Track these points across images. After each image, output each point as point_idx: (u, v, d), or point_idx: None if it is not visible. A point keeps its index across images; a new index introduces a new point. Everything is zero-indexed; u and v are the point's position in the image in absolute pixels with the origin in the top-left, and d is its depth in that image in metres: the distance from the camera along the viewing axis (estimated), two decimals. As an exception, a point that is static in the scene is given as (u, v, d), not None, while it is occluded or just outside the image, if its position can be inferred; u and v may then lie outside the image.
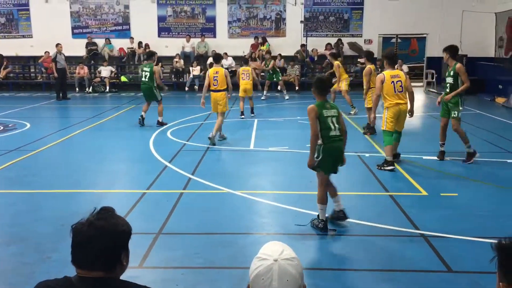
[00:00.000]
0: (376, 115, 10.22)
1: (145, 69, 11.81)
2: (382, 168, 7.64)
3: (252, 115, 12.93)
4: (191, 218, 5.67)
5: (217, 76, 9.66)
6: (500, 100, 15.75)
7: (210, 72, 9.81)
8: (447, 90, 8.10)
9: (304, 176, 6.66)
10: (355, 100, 13.47)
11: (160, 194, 6.57)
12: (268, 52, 19.54)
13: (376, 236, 5.17)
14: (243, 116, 12.78)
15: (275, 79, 17.67)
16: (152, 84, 11.70)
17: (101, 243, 1.80)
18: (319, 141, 5.08)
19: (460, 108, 8.09)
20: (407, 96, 7.83)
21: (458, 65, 7.94)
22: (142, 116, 11.71)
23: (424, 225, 5.33)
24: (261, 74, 19.37)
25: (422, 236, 5.07)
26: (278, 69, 18.03)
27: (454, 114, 8.04)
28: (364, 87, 10.85)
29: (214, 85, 9.70)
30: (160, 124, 11.72)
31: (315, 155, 5.12)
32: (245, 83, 12.79)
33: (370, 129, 10.64)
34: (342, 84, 12.97)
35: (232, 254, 4.69)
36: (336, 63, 12.99)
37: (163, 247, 4.89)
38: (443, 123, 8.27)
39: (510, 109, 14.41)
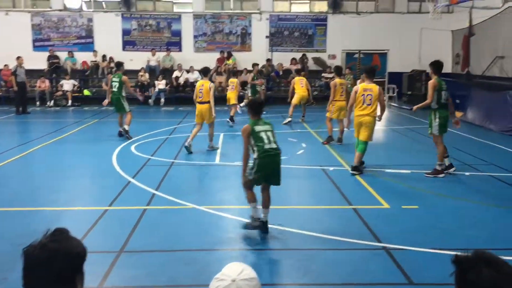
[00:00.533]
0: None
1: (114, 79, 11.85)
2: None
3: (231, 122, 13.98)
4: (154, 235, 5.58)
5: (202, 89, 10.06)
6: (458, 114, 16.26)
7: (198, 84, 10.34)
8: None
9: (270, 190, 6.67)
10: (317, 114, 13.66)
11: (122, 211, 6.45)
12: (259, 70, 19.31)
13: (340, 250, 5.22)
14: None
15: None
16: (120, 95, 11.67)
17: (54, 266, 1.74)
18: (254, 155, 5.37)
19: (434, 124, 8.25)
20: (377, 108, 8.31)
21: (430, 81, 8.20)
22: (121, 129, 11.72)
23: (386, 237, 5.42)
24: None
25: (384, 249, 5.15)
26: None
27: (428, 131, 8.45)
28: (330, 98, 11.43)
29: (199, 97, 10.10)
30: (125, 132, 11.60)
31: (252, 167, 5.38)
32: (230, 93, 14.32)
33: (329, 139, 11.31)
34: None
35: (196, 271, 4.64)
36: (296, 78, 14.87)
37: (125, 265, 4.78)
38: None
39: (467, 123, 14.93)
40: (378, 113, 8.44)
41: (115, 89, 11.76)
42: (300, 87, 14.48)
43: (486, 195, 7.27)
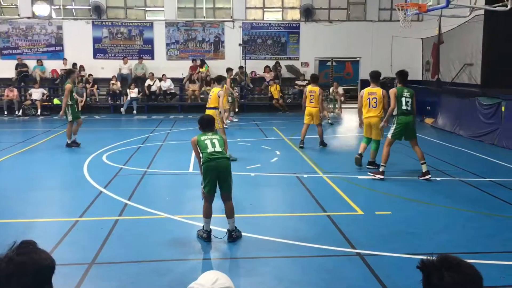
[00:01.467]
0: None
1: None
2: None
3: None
4: (127, 245, 5.46)
5: (210, 95, 10.22)
6: (428, 120, 16.62)
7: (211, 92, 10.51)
8: None
9: (245, 199, 6.64)
10: (291, 121, 13.72)
11: (93, 222, 6.30)
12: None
13: (315, 256, 5.21)
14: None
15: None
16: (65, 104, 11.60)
17: (22, 280, 1.68)
18: (201, 164, 5.52)
19: (393, 128, 8.62)
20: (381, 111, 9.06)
21: (391, 89, 8.73)
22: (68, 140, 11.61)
23: (360, 243, 5.44)
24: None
25: (358, 255, 5.17)
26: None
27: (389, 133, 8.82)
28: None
29: (208, 103, 10.17)
30: (69, 145, 11.53)
31: (203, 177, 5.52)
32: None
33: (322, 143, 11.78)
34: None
35: (170, 282, 4.55)
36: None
37: (96, 278, 4.66)
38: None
39: (438, 129, 15.23)
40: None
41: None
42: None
43: (457, 200, 7.39)
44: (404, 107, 8.45)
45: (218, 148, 5.51)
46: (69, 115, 11.52)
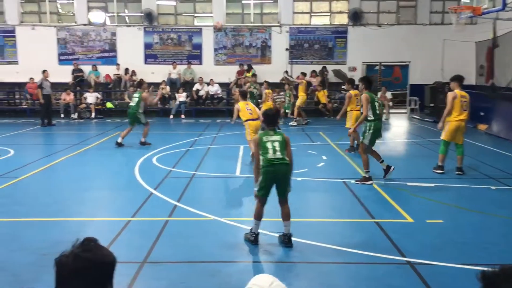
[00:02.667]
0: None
1: (134, 95, 12.78)
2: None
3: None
4: (176, 246, 5.59)
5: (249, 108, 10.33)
6: (482, 127, 16.02)
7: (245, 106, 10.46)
8: None
9: (290, 204, 6.64)
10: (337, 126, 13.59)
11: (145, 222, 6.49)
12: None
13: (363, 263, 5.15)
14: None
15: None
16: (137, 110, 12.36)
17: (89, 275, 1.76)
18: (260, 165, 5.46)
19: (367, 134, 8.58)
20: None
21: (363, 95, 8.67)
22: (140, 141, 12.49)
23: (411, 252, 5.33)
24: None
25: (408, 264, 5.06)
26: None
27: (361, 139, 8.79)
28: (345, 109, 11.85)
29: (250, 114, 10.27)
30: (143, 144, 12.33)
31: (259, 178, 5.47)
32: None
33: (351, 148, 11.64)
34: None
35: (218, 283, 4.63)
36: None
37: (148, 276, 4.80)
38: None
39: (492, 135, 14.66)
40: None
41: (133, 104, 12.49)
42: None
43: (513, 209, 7.10)
44: (378, 111, 8.58)
45: (278, 154, 5.39)
46: (142, 118, 12.46)
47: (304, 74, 18.57)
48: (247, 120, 10.24)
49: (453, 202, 7.45)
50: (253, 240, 5.54)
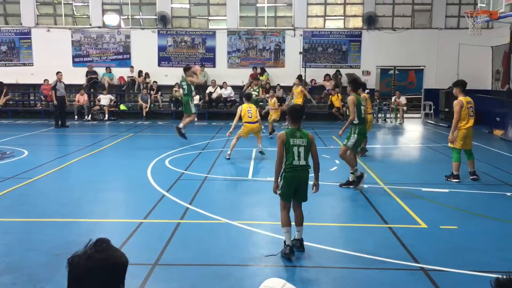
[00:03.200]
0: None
1: (182, 83, 13.57)
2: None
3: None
4: (188, 248, 5.59)
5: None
6: (498, 132, 15.82)
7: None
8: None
9: (303, 208, 6.59)
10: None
11: (157, 224, 6.50)
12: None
13: (376, 269, 5.09)
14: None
15: None
16: (190, 97, 13.32)
17: (101, 276, 1.76)
18: (282, 168, 5.31)
19: (351, 138, 8.48)
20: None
21: (349, 97, 8.62)
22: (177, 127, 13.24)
23: (424, 258, 5.26)
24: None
25: (422, 270, 5.00)
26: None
27: (344, 142, 8.66)
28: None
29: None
30: (179, 131, 12.97)
31: (280, 180, 5.35)
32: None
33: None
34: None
35: (230, 287, 4.61)
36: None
37: (159, 278, 4.80)
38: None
39: (508, 141, 14.46)
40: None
41: (185, 91, 13.32)
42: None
43: (529, 216, 6.97)
44: (363, 115, 8.55)
45: (302, 162, 5.25)
46: (192, 107, 13.37)
47: (300, 78, 17.83)
48: (245, 122, 11.02)
49: (468, 208, 7.34)
50: (288, 253, 5.18)
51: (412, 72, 25.17)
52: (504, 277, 1.68)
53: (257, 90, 16.53)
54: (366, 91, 17.78)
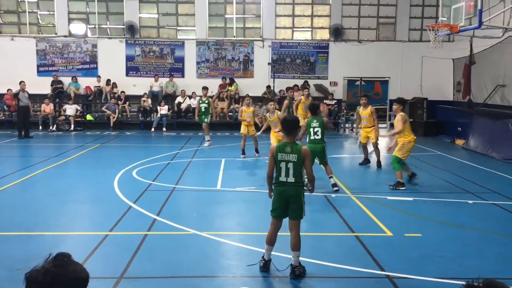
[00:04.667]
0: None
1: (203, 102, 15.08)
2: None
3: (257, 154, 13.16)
4: (155, 261, 5.51)
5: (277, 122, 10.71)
6: (459, 142, 16.31)
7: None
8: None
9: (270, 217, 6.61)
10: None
11: (123, 236, 6.39)
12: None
13: (343, 278, 5.15)
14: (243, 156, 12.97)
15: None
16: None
17: None
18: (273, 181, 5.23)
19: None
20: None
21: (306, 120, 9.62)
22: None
23: (390, 266, 5.35)
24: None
25: (387, 278, 5.08)
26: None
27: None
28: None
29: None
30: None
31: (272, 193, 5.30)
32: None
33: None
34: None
35: (197, 299, 4.57)
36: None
37: (124, 292, 4.72)
38: None
39: (470, 150, 14.92)
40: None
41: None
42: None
43: (489, 223, 7.21)
44: (312, 137, 9.10)
45: (290, 179, 5.05)
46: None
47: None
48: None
49: (431, 216, 7.52)
50: (261, 266, 5.18)
51: (378, 83, 25.71)
52: (471, 283, 1.72)
53: (206, 101, 15.18)
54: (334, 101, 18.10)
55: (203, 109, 15.14)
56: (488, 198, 8.69)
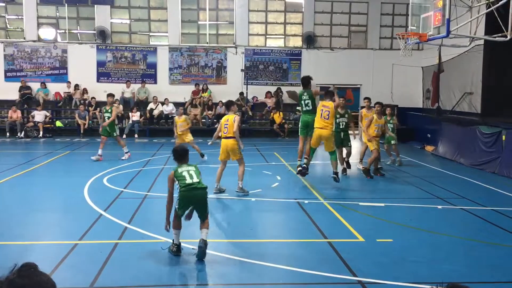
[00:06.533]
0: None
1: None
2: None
3: None
4: (126, 270, 5.41)
5: (227, 124, 9.20)
6: (429, 148, 16.64)
7: (223, 120, 9.41)
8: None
9: (245, 224, 6.60)
10: (291, 146, 13.70)
11: (93, 245, 6.25)
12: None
13: (315, 284, 5.15)
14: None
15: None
16: None
17: None
18: (178, 191, 5.71)
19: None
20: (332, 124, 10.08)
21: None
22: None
23: (362, 271, 5.39)
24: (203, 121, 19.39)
25: (359, 283, 5.11)
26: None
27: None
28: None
29: (224, 132, 9.22)
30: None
31: (177, 203, 5.77)
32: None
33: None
34: None
35: (169, 308, 4.50)
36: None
37: (94, 302, 4.60)
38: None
39: (439, 156, 15.24)
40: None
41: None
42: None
43: (458, 228, 7.36)
44: (304, 108, 10.09)
45: (195, 179, 5.73)
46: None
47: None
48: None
49: (402, 221, 7.63)
50: (175, 251, 5.79)
51: (350, 90, 26.09)
52: (436, 287, 1.73)
53: (110, 110, 13.47)
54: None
55: (106, 119, 13.41)
56: (457, 203, 8.87)
